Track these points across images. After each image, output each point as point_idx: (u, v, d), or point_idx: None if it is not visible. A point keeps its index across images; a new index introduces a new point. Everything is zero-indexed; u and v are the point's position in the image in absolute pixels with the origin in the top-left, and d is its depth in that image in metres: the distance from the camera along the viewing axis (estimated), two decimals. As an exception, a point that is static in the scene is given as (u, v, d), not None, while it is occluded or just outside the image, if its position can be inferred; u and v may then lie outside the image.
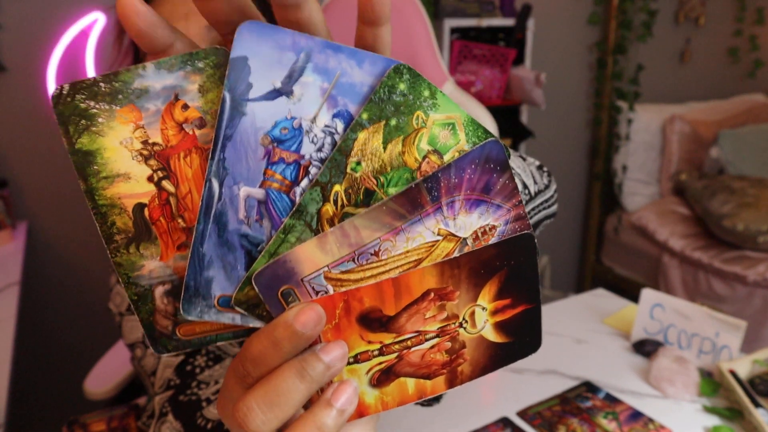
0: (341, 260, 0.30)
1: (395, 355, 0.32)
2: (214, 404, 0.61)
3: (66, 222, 1.93)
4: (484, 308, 0.33)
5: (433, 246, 0.31)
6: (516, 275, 0.33)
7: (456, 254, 0.32)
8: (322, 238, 0.30)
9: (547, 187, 0.72)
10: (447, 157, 0.31)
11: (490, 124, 1.14)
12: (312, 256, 0.30)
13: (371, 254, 0.31)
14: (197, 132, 0.29)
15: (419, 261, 0.31)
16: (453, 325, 0.33)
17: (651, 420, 0.82)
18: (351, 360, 0.32)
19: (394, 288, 0.31)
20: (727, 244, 2.29)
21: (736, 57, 3.00)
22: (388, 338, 0.32)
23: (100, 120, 0.28)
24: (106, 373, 1.24)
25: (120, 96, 0.28)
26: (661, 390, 0.88)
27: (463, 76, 2.23)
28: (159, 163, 0.29)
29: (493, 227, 0.32)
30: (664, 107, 2.74)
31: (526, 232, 0.33)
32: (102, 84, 0.28)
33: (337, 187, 0.30)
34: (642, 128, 2.65)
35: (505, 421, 0.82)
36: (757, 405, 0.80)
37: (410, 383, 0.33)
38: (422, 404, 0.83)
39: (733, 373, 0.86)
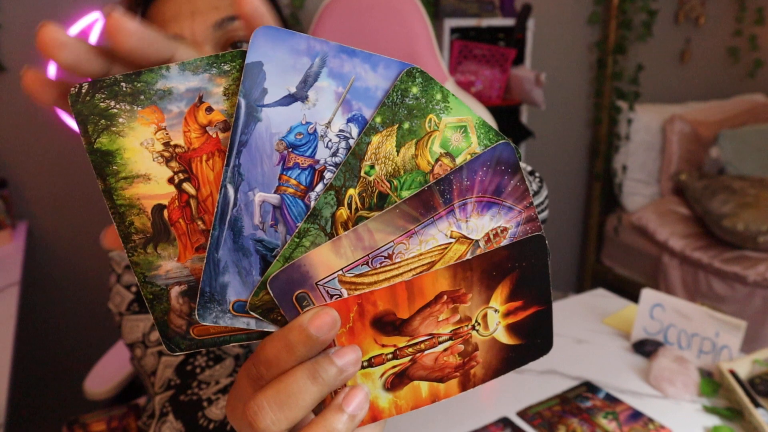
0: (355, 264, 0.31)
1: (409, 358, 0.33)
2: (215, 404, 0.61)
3: (66, 222, 1.93)
4: (496, 310, 0.33)
5: (445, 248, 0.32)
6: (528, 277, 0.33)
7: (468, 256, 0.32)
8: (336, 241, 0.30)
9: (536, 193, 0.72)
10: (459, 160, 0.31)
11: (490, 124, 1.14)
12: (326, 259, 0.30)
13: (385, 257, 0.31)
14: (221, 135, 0.29)
15: (432, 264, 0.32)
16: (466, 328, 0.33)
17: (651, 420, 0.82)
18: (365, 363, 0.32)
19: (408, 291, 0.31)
20: (727, 244, 2.29)
21: (736, 57, 3.00)
22: (401, 341, 0.32)
23: (120, 120, 0.28)
24: (106, 373, 1.24)
25: (142, 96, 0.28)
26: (661, 390, 0.88)
27: (463, 76, 2.23)
28: (180, 166, 0.29)
29: (505, 229, 0.32)
30: (664, 107, 2.74)
31: (537, 233, 0.33)
32: (123, 84, 0.28)
33: (351, 191, 0.30)
34: (642, 128, 2.65)
35: (505, 421, 0.82)
36: (757, 405, 0.80)
37: (424, 387, 0.33)
38: None
39: (733, 373, 0.86)
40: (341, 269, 0.30)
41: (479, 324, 0.33)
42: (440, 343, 0.33)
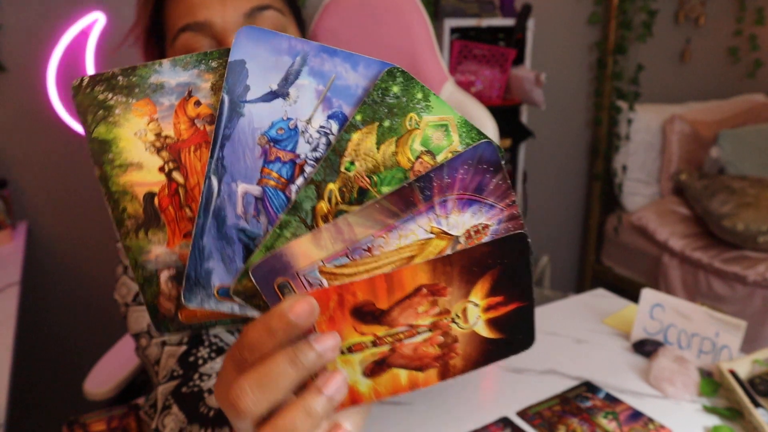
0: (335, 255, 0.32)
1: (388, 347, 0.33)
2: (213, 365, 0.62)
3: (66, 222, 1.93)
4: (476, 304, 0.34)
5: (425, 243, 0.32)
6: (509, 273, 0.33)
7: (448, 252, 0.32)
8: (316, 233, 0.31)
9: None
10: (440, 158, 0.32)
11: (490, 124, 1.14)
12: (307, 250, 0.31)
13: (364, 250, 0.32)
14: (208, 128, 0.31)
15: (412, 258, 0.32)
16: (445, 320, 0.33)
17: (651, 420, 0.82)
18: (345, 350, 0.33)
19: (387, 283, 0.32)
20: (727, 244, 2.29)
21: (736, 57, 3.00)
22: (381, 331, 0.33)
23: (117, 111, 0.30)
24: (106, 373, 1.24)
25: (137, 90, 0.30)
26: (661, 390, 0.88)
27: (463, 76, 2.23)
28: (170, 155, 0.31)
29: (486, 226, 0.33)
30: (664, 107, 2.74)
31: (519, 231, 0.33)
32: (120, 77, 0.30)
33: (331, 186, 0.31)
34: (642, 128, 2.65)
35: (505, 421, 0.82)
36: (757, 405, 0.80)
37: (403, 374, 0.34)
38: None
39: (733, 373, 0.86)
40: (321, 260, 0.31)
41: (459, 317, 0.34)
42: (419, 333, 0.33)
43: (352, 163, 0.31)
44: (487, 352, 0.34)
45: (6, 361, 1.07)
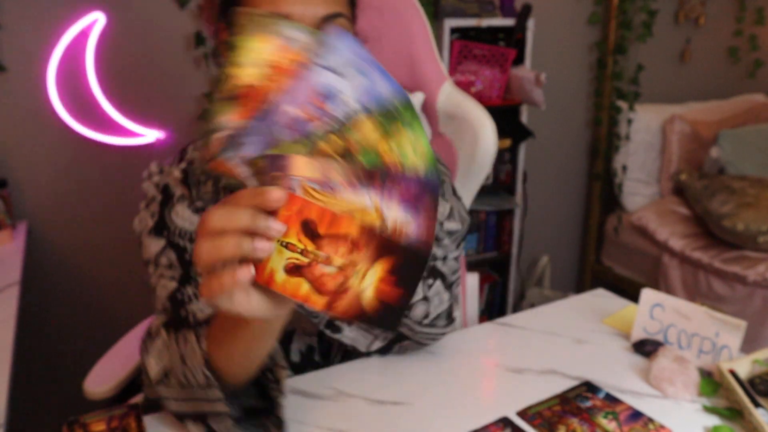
0: (314, 180, 0.46)
1: (308, 260, 0.46)
2: (198, 304, 0.76)
3: (66, 222, 1.93)
4: (375, 272, 0.46)
5: (366, 210, 0.46)
6: (405, 271, 0.46)
7: (378, 227, 0.46)
8: (312, 159, 0.46)
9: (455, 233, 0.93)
10: (407, 164, 0.46)
11: (488, 124, 1.14)
12: (301, 165, 0.46)
13: (330, 188, 0.46)
14: (294, 68, 0.46)
15: (353, 213, 0.46)
16: (350, 271, 0.46)
17: (651, 420, 0.82)
18: (284, 243, 0.46)
19: (331, 218, 0.46)
20: (727, 244, 2.29)
21: (736, 57, 3.00)
22: (310, 247, 0.46)
23: (249, 35, 0.46)
24: (106, 373, 1.23)
25: (265, 28, 0.46)
26: (661, 390, 0.88)
27: (463, 76, 2.23)
28: (270, 72, 0.46)
29: (407, 228, 0.46)
30: (664, 107, 2.74)
31: (423, 250, 0.46)
32: (260, 19, 0.46)
33: (334, 137, 0.46)
34: (642, 128, 2.65)
35: (505, 421, 0.82)
36: (757, 405, 0.80)
37: (305, 286, 0.46)
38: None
39: (733, 373, 0.85)
40: (305, 177, 0.46)
41: (360, 275, 0.46)
42: (330, 266, 0.46)
43: (352, 132, 0.46)
44: (359, 316, 0.46)
45: (6, 361, 1.07)
